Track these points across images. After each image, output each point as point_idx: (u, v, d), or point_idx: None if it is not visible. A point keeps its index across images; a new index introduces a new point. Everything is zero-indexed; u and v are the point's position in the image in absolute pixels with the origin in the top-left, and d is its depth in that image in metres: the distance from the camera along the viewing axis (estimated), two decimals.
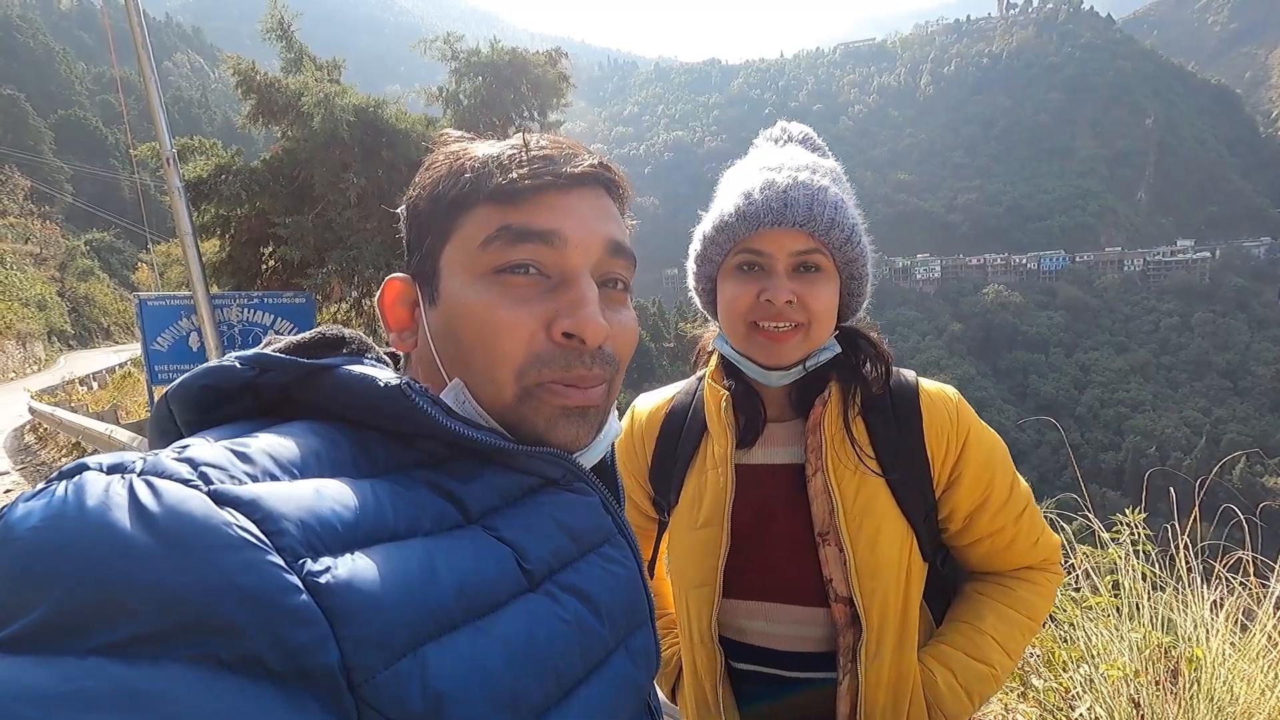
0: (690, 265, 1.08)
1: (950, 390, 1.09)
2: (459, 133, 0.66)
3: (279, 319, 5.87)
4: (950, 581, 1.15)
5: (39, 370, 26.81)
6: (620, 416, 1.24)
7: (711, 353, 1.14)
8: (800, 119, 1.15)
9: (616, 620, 0.58)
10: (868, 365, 1.06)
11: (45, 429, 12.62)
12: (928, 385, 1.08)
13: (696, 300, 1.12)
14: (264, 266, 7.25)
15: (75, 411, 11.75)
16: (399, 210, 0.68)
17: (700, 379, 1.18)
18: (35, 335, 29.55)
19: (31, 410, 13.88)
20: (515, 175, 0.59)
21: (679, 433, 1.15)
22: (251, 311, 5.80)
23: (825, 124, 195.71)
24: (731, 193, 1.01)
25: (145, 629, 0.36)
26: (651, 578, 1.28)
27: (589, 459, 0.64)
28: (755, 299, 0.98)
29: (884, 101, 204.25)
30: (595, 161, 0.63)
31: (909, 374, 1.09)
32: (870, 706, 0.99)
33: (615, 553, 0.62)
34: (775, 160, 1.03)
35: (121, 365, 24.49)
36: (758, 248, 0.98)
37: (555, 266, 0.60)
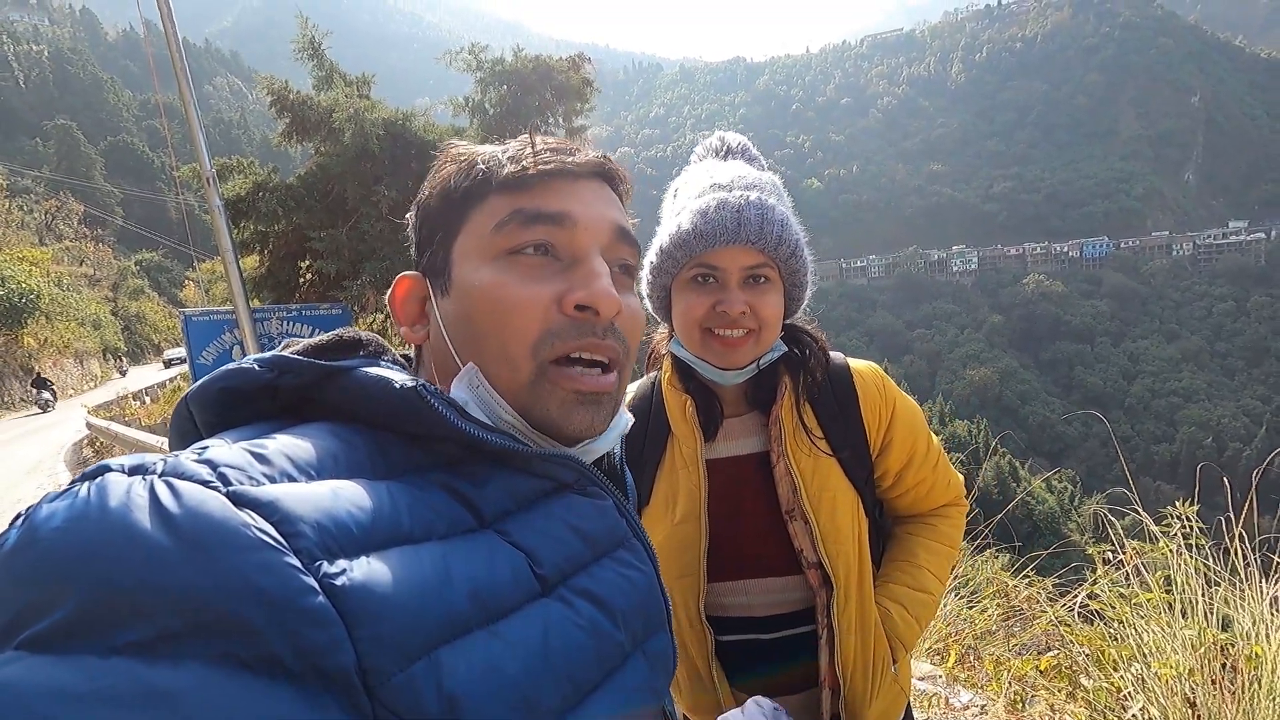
0: (645, 274, 1.16)
1: (875, 366, 1.24)
2: (464, 142, 0.68)
3: (316, 330, 6.01)
4: (882, 526, 1.31)
5: (95, 387, 27.98)
6: None
7: (663, 355, 1.23)
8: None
9: (633, 624, 0.58)
10: (810, 357, 1.18)
11: (102, 443, 13.15)
12: (857, 364, 1.22)
13: (648, 304, 1.19)
14: (301, 280, 7.46)
15: (129, 425, 12.21)
16: (408, 216, 0.69)
17: (653, 381, 1.26)
18: (91, 353, 30.84)
19: (89, 425, 14.50)
20: (526, 164, 0.61)
21: (642, 437, 1.22)
22: (290, 324, 5.97)
23: (854, 117, 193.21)
24: (686, 209, 1.10)
25: (166, 629, 0.37)
26: None
27: (601, 446, 0.64)
28: (711, 309, 1.08)
29: (914, 92, 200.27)
30: (598, 155, 0.66)
31: (838, 356, 1.22)
32: (845, 651, 1.13)
33: (630, 556, 0.62)
34: (724, 177, 1.11)
35: (171, 380, 25.39)
36: (713, 263, 1.07)
37: (566, 247, 0.61)
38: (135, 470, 0.42)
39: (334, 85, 7.19)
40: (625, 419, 0.68)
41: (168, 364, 33.38)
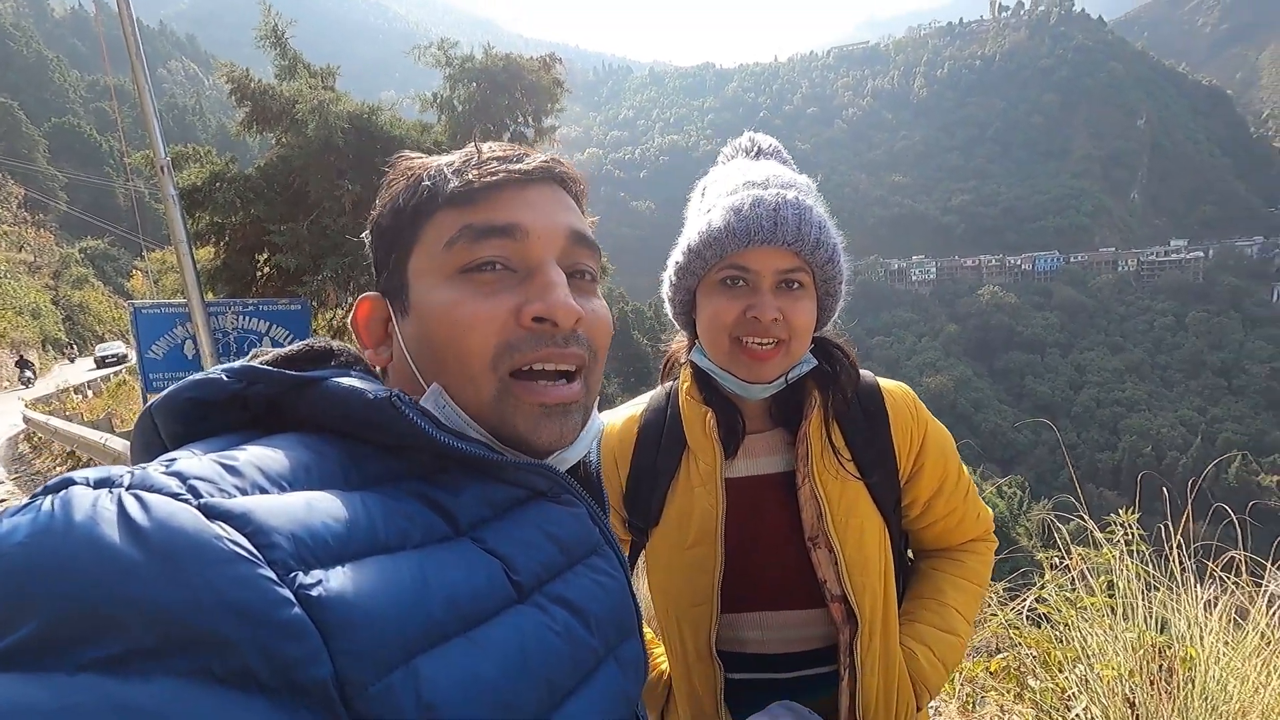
0: (669, 275, 1.08)
1: (906, 387, 1.16)
2: (414, 153, 0.67)
3: (274, 326, 5.87)
4: (906, 560, 1.23)
5: (33, 378, 26.66)
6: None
7: (682, 365, 1.15)
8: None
9: (606, 630, 0.59)
10: (840, 373, 1.09)
11: (40, 438, 12.57)
12: (888, 385, 1.14)
13: (669, 309, 1.13)
14: (259, 273, 7.27)
15: (70, 420, 11.70)
16: (363, 236, 0.68)
17: (669, 392, 1.17)
18: (30, 343, 29.43)
19: (26, 419, 13.84)
20: (471, 176, 0.61)
21: (655, 450, 1.13)
22: (247, 319, 5.80)
23: (819, 127, 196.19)
24: (718, 206, 1.02)
25: (136, 644, 0.36)
26: None
27: (574, 454, 0.64)
28: (741, 315, 0.99)
29: (878, 104, 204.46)
30: (547, 158, 0.64)
31: (868, 375, 1.14)
32: (867, 694, 1.04)
33: (603, 563, 0.62)
34: (759, 175, 1.04)
35: (116, 373, 24.40)
36: (745, 264, 0.99)
37: (520, 259, 0.60)
38: (101, 483, 0.41)
39: (297, 75, 7.02)
40: (598, 424, 0.67)
41: (101, 362, 28.34)
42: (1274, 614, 1.99)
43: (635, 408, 1.20)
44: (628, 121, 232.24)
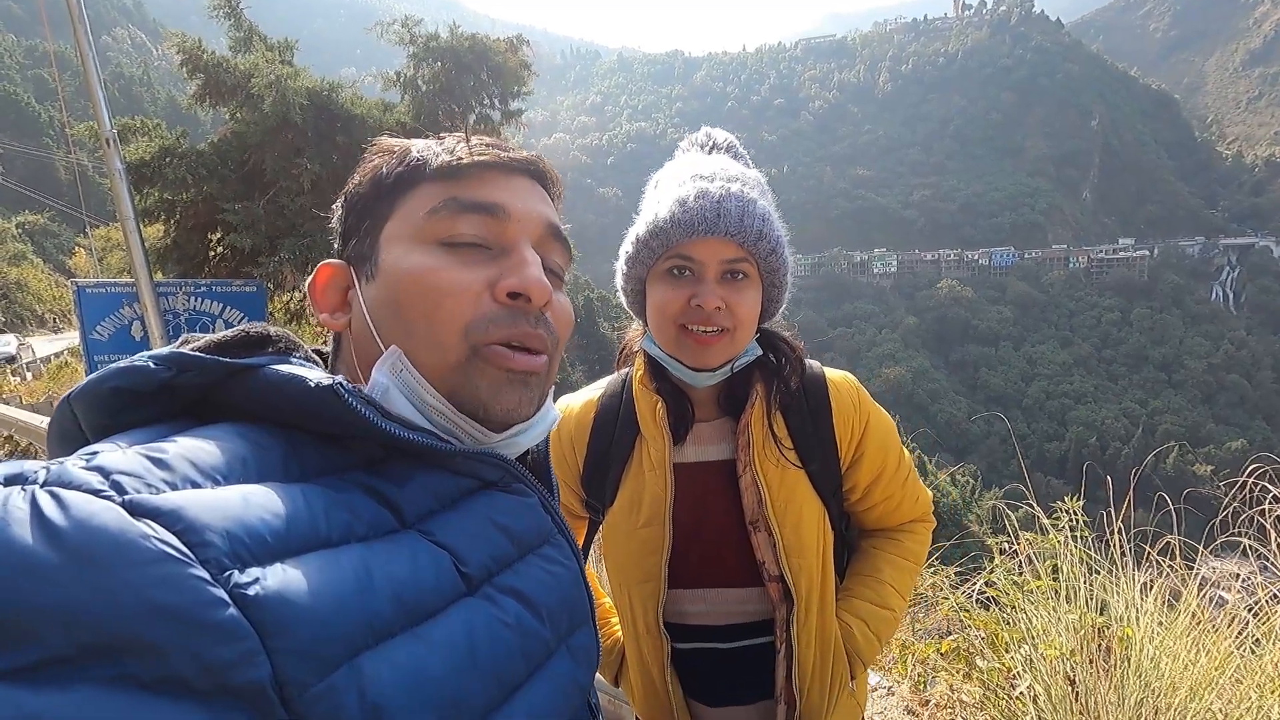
0: (620, 266, 1.12)
1: (851, 378, 1.21)
2: (396, 137, 0.68)
3: (229, 308, 5.69)
4: (848, 538, 1.29)
5: None
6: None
7: (636, 353, 1.19)
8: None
9: (558, 620, 0.58)
10: (785, 365, 1.14)
11: None
12: (833, 375, 1.19)
13: (623, 299, 1.17)
14: (212, 253, 7.02)
15: (8, 404, 11.18)
16: (334, 205, 0.68)
17: (624, 379, 1.22)
18: None
19: None
20: (460, 154, 0.62)
21: (610, 435, 1.18)
22: (199, 300, 5.60)
23: (786, 119, 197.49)
24: (665, 198, 1.05)
25: (51, 652, 0.34)
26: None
27: (527, 439, 0.63)
28: (686, 303, 1.03)
29: (844, 98, 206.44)
30: (532, 155, 0.66)
31: (815, 365, 1.19)
32: (803, 666, 1.11)
33: (555, 553, 0.61)
34: (707, 169, 1.07)
35: (58, 354, 23.36)
36: (690, 254, 1.03)
37: (498, 238, 0.61)
38: (12, 480, 0.39)
39: (253, 48, 6.76)
40: (554, 413, 0.66)
41: None
42: (1204, 596, 2.11)
43: (592, 392, 1.24)
44: (595, 107, 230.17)
